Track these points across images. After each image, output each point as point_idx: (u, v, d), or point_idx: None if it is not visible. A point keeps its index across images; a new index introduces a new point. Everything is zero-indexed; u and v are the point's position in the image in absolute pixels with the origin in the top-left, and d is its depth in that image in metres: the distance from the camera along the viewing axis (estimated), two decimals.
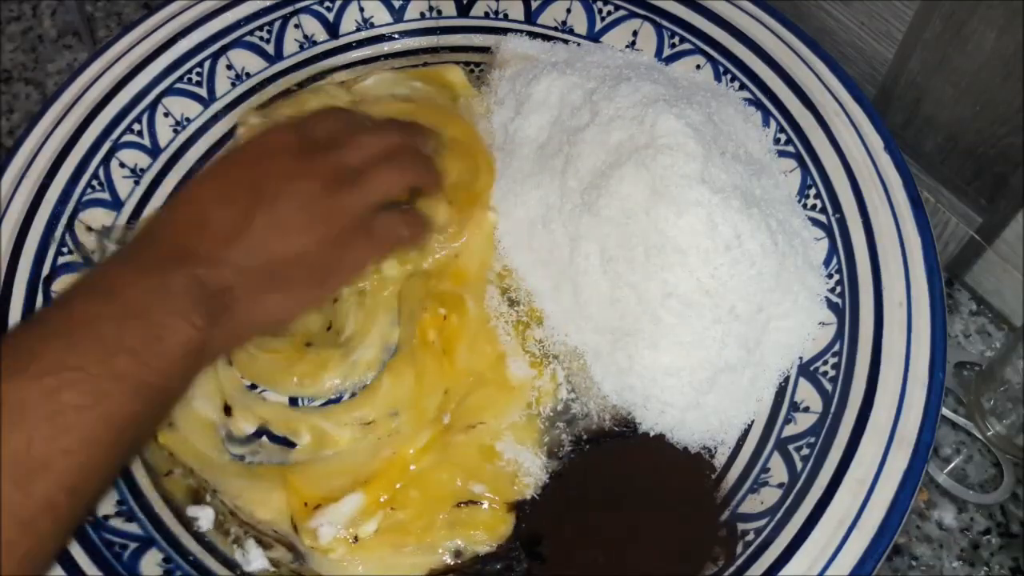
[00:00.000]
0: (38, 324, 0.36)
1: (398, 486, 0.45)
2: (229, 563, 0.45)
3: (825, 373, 0.47)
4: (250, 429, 0.48)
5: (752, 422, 0.47)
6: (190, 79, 0.59)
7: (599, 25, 0.61)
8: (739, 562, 0.42)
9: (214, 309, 0.37)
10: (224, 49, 0.60)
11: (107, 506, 0.45)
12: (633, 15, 0.60)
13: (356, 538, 0.44)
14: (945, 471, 0.50)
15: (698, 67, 0.58)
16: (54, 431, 0.31)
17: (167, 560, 0.44)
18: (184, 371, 0.36)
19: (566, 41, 0.61)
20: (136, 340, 0.34)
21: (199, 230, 0.39)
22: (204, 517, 0.47)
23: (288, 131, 0.44)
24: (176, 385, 0.36)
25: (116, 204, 0.55)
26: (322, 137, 0.43)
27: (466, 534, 0.45)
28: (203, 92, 0.59)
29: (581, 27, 0.61)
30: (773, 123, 0.54)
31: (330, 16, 0.63)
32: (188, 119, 0.59)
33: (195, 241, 0.38)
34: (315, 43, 0.63)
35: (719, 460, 0.47)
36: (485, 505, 0.45)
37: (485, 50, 0.63)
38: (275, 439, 0.49)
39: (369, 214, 0.42)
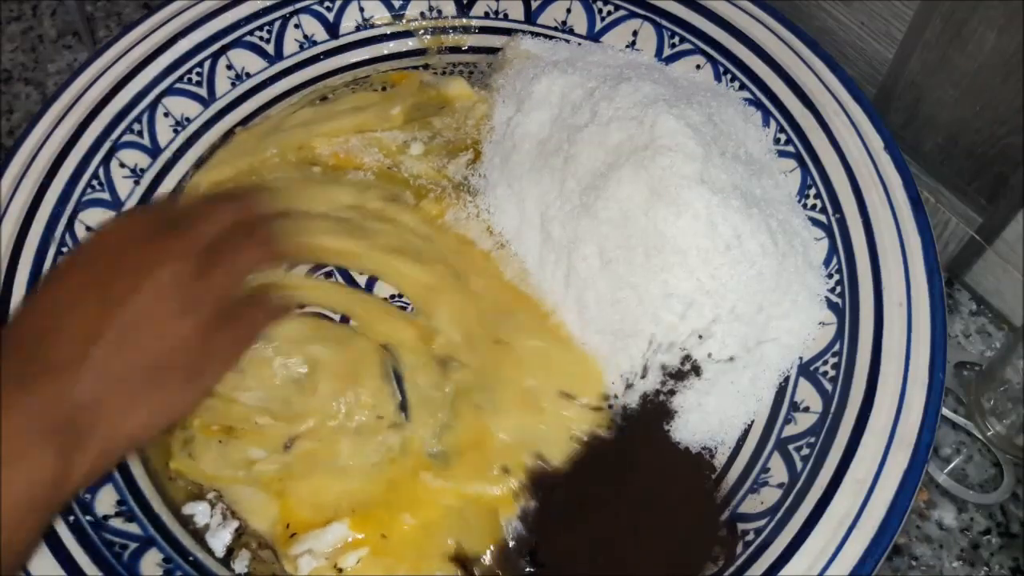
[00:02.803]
0: None
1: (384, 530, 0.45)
2: (229, 564, 0.45)
3: (825, 373, 0.47)
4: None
5: (752, 422, 0.47)
6: (190, 79, 0.59)
7: (599, 25, 0.61)
8: (739, 562, 0.42)
9: (75, 431, 0.31)
10: (224, 49, 0.60)
11: (107, 506, 0.45)
12: (633, 15, 0.60)
13: (340, 570, 0.44)
14: (945, 471, 0.50)
15: (698, 67, 0.58)
16: None
17: (167, 560, 0.44)
18: (31, 519, 0.30)
19: (567, 41, 0.61)
20: None
21: (49, 340, 0.33)
22: (200, 513, 0.47)
23: (133, 216, 0.41)
24: (20, 537, 0.29)
25: (116, 204, 0.55)
26: (170, 216, 0.38)
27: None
28: (203, 92, 0.59)
29: (581, 27, 0.61)
30: (773, 123, 0.54)
31: (330, 16, 0.63)
32: (188, 119, 0.59)
33: (47, 353, 0.32)
34: (315, 43, 0.63)
35: (719, 460, 0.47)
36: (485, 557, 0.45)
37: (486, 50, 0.63)
38: None
39: (232, 298, 0.37)
